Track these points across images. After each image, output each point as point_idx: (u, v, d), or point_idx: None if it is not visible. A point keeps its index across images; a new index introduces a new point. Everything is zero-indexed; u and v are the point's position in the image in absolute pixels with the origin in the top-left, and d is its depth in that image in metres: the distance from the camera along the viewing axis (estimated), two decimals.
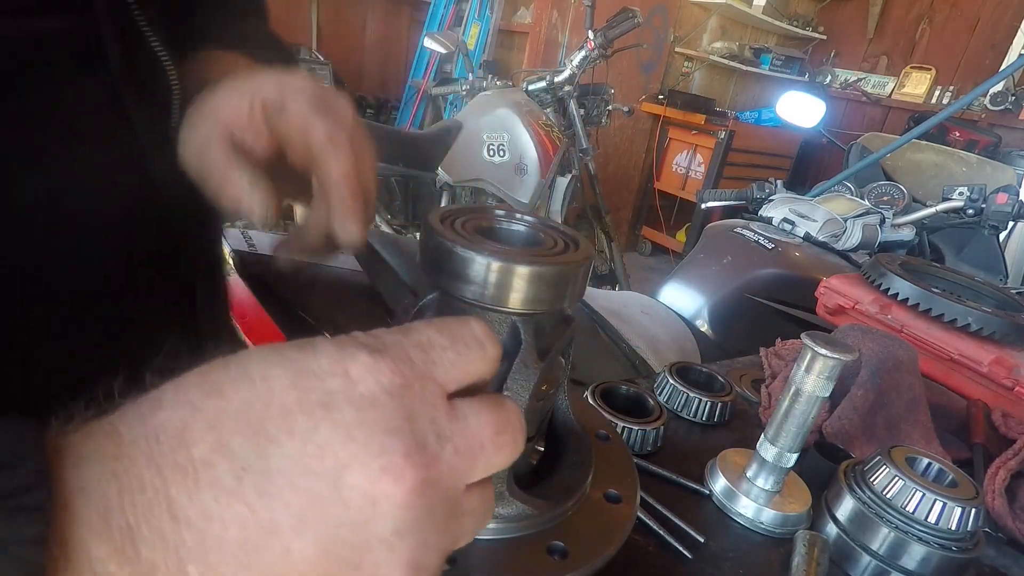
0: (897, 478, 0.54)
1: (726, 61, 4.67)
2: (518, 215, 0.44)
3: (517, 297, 0.36)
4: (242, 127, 0.40)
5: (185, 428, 0.21)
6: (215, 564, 0.20)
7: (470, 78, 2.93)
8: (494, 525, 0.39)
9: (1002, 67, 2.48)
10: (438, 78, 4.51)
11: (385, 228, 2.58)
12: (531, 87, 2.75)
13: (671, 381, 0.76)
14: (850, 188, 1.74)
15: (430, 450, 0.23)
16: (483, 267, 0.35)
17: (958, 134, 3.79)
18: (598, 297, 1.42)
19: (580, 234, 0.42)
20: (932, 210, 1.55)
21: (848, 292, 1.03)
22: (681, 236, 4.71)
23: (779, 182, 1.71)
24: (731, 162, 4.44)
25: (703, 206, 1.97)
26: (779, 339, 0.94)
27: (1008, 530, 0.63)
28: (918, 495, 0.52)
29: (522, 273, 0.35)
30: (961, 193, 1.50)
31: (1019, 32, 4.10)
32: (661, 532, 0.53)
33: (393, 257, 0.59)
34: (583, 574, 0.38)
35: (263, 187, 0.40)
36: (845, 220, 1.48)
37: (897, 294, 0.96)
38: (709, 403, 0.74)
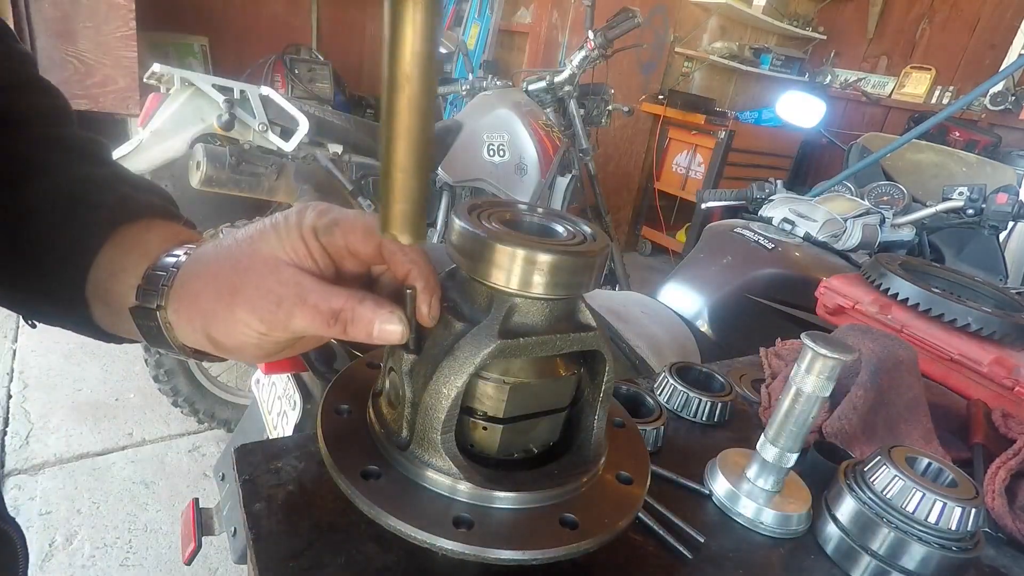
0: (897, 478, 0.54)
1: (726, 61, 4.67)
2: (539, 209, 0.46)
3: (534, 281, 0.39)
4: (305, 259, 0.40)
5: None
6: None
7: (470, 78, 2.93)
8: (508, 495, 0.42)
9: (1002, 67, 2.48)
10: (438, 78, 4.51)
11: None
12: (531, 87, 2.75)
13: (671, 381, 0.76)
14: (850, 188, 1.74)
15: None
16: (508, 255, 0.38)
17: (958, 134, 3.79)
18: (598, 297, 1.42)
19: (597, 227, 0.44)
20: (932, 210, 1.55)
21: (848, 292, 1.03)
22: (681, 236, 4.71)
23: (779, 182, 1.71)
24: (731, 162, 4.44)
25: (703, 206, 1.97)
26: (779, 339, 0.94)
27: (1008, 530, 0.63)
28: (918, 495, 0.52)
29: (544, 261, 0.38)
30: (961, 193, 1.50)
31: (1019, 32, 4.10)
32: (661, 532, 0.53)
33: None
34: (592, 544, 0.40)
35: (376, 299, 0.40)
36: (845, 220, 1.48)
37: (897, 294, 0.96)
38: (709, 403, 0.74)
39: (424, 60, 0.29)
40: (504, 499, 0.42)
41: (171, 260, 0.43)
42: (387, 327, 0.39)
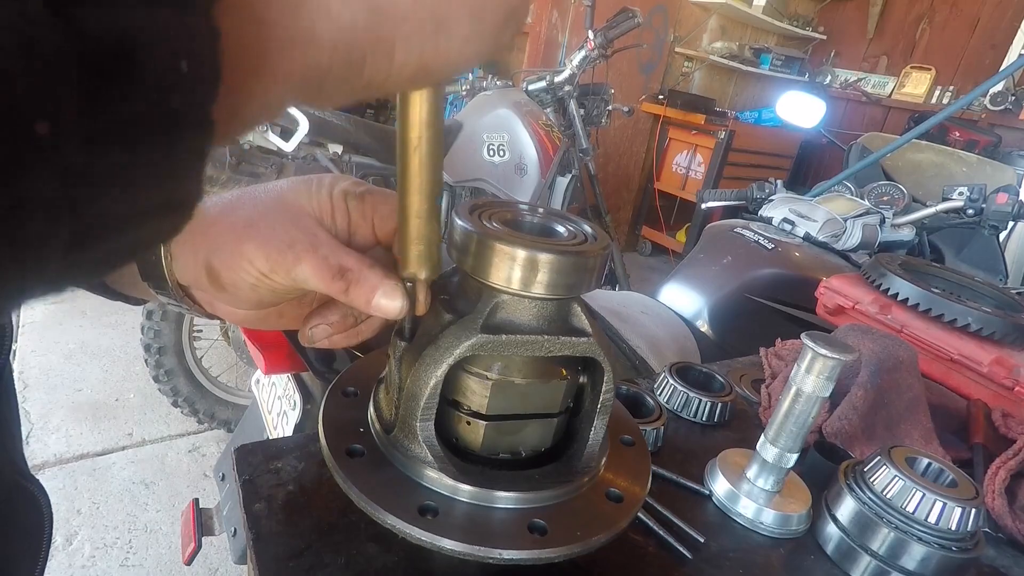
0: (897, 478, 0.54)
1: (726, 61, 4.67)
2: (540, 209, 0.46)
3: (519, 278, 0.39)
4: (326, 216, 0.42)
5: None
6: None
7: (470, 78, 2.93)
8: (479, 490, 0.41)
9: (1002, 67, 2.48)
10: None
11: None
12: (531, 87, 2.75)
13: (671, 381, 0.76)
14: (850, 188, 1.74)
15: None
16: (490, 249, 0.38)
17: (958, 134, 3.79)
18: (598, 297, 1.42)
19: (598, 227, 0.44)
20: (932, 210, 1.55)
21: (848, 292, 1.03)
22: (681, 236, 4.71)
23: (779, 182, 1.71)
24: (731, 162, 4.44)
25: (703, 206, 1.97)
26: (779, 339, 0.94)
27: (1008, 530, 0.63)
28: (918, 495, 0.52)
29: (544, 260, 0.38)
30: (961, 193, 1.50)
31: (1019, 32, 4.10)
32: (661, 532, 0.53)
33: None
34: (557, 554, 0.40)
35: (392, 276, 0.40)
36: (845, 220, 1.48)
37: (897, 294, 0.96)
38: (709, 403, 0.74)
39: (432, 125, 0.34)
40: (474, 494, 0.41)
41: None
42: (386, 300, 0.39)
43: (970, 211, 1.50)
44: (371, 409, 0.47)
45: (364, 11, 0.24)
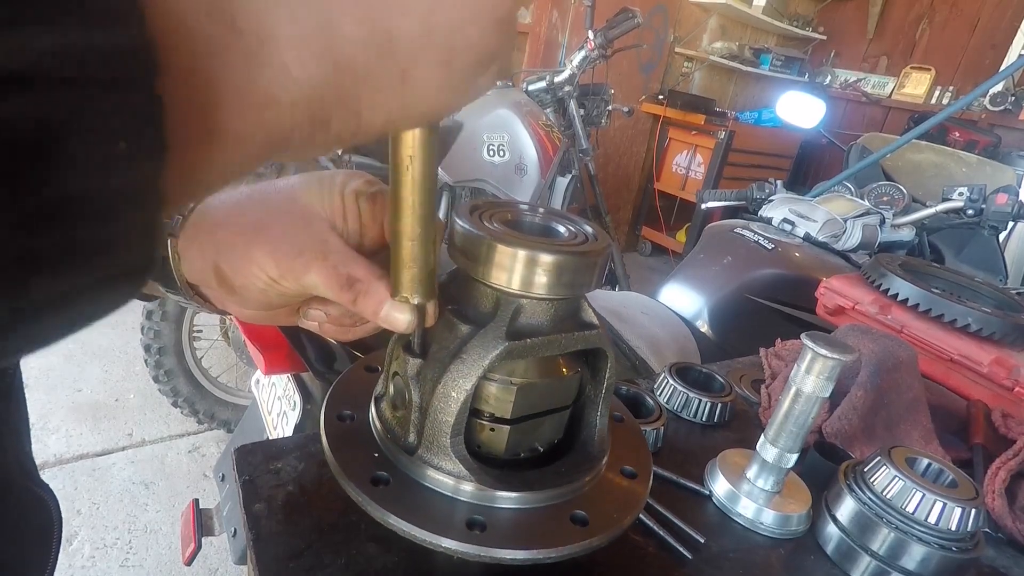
0: (897, 478, 0.54)
1: (726, 61, 4.67)
2: (540, 209, 0.46)
3: (541, 282, 0.38)
4: (337, 217, 0.40)
5: None
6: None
7: None
8: (518, 495, 0.42)
9: (1002, 67, 2.49)
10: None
11: None
12: (531, 87, 2.75)
13: (671, 381, 0.76)
14: (850, 188, 1.74)
15: None
16: (513, 256, 0.38)
17: (958, 134, 3.79)
18: (598, 297, 1.42)
19: (598, 226, 0.44)
20: (932, 210, 1.55)
21: (848, 292, 1.04)
22: (681, 236, 4.71)
23: (779, 182, 1.71)
24: (731, 162, 4.44)
25: (703, 206, 1.97)
26: (779, 339, 0.94)
27: (1008, 530, 0.63)
28: (918, 495, 0.52)
29: (550, 261, 0.38)
30: (961, 193, 1.50)
31: (1019, 32, 4.10)
32: (661, 533, 0.53)
33: None
34: (602, 540, 0.41)
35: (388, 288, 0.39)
36: (845, 220, 1.48)
37: (897, 294, 0.97)
38: (709, 403, 0.74)
39: (425, 143, 0.32)
40: (515, 499, 0.42)
41: None
42: (395, 313, 0.38)
43: (970, 211, 1.50)
44: (377, 430, 0.46)
45: (324, 68, 0.23)
